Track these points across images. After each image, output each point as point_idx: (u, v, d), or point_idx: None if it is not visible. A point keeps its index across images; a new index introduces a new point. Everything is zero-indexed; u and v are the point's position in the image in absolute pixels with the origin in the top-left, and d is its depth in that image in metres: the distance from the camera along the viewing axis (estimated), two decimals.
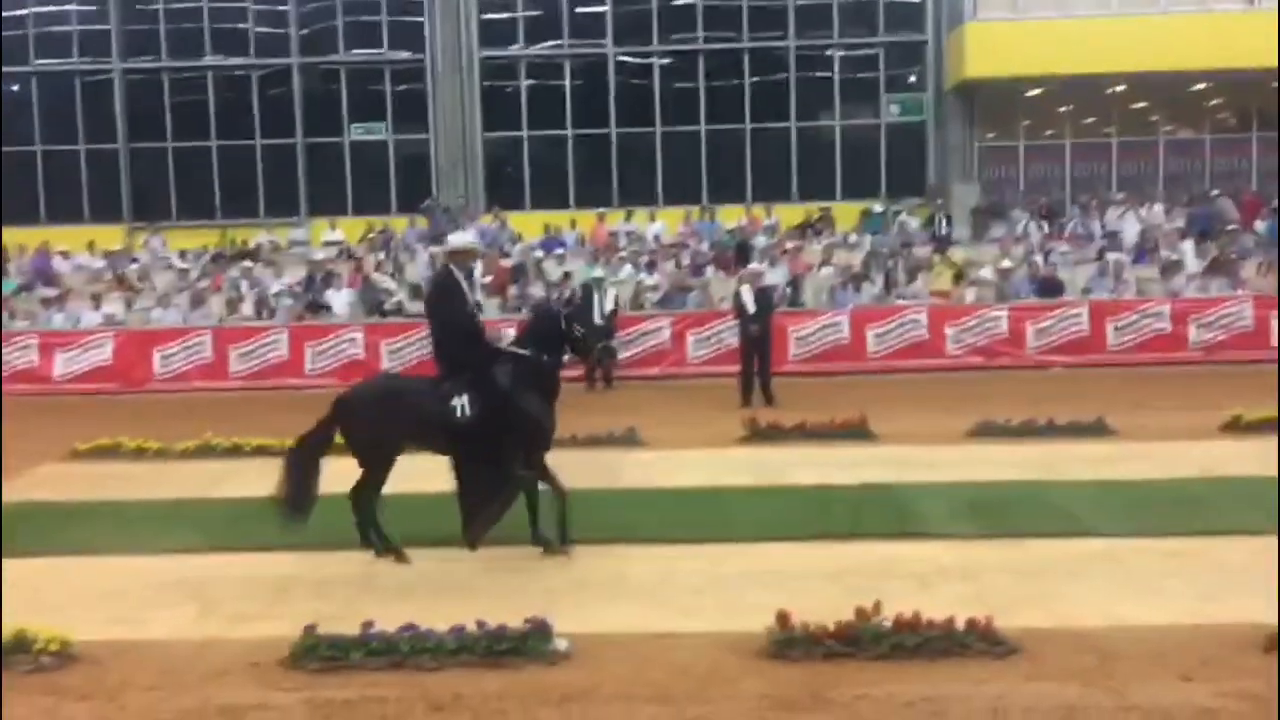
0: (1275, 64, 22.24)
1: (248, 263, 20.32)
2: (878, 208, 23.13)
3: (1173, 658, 5.63)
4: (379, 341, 17.40)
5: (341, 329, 17.69)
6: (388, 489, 7.80)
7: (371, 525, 7.74)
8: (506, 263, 19.35)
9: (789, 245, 20.21)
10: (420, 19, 24.61)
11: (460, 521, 7.69)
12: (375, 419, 7.63)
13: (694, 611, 6.49)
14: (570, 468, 8.11)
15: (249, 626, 6.46)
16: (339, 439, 7.81)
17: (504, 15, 25.01)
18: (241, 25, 24.93)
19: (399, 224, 22.23)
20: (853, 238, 21.51)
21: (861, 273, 18.76)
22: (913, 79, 25.15)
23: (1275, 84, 22.35)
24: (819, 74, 25.10)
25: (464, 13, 24.41)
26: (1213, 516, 8.05)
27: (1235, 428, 11.31)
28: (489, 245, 20.17)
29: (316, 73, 25.35)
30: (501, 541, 7.74)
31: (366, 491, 7.73)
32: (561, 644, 5.89)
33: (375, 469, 7.68)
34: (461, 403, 7.52)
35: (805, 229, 22.12)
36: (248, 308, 18.49)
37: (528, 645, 5.82)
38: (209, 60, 24.96)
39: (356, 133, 24.99)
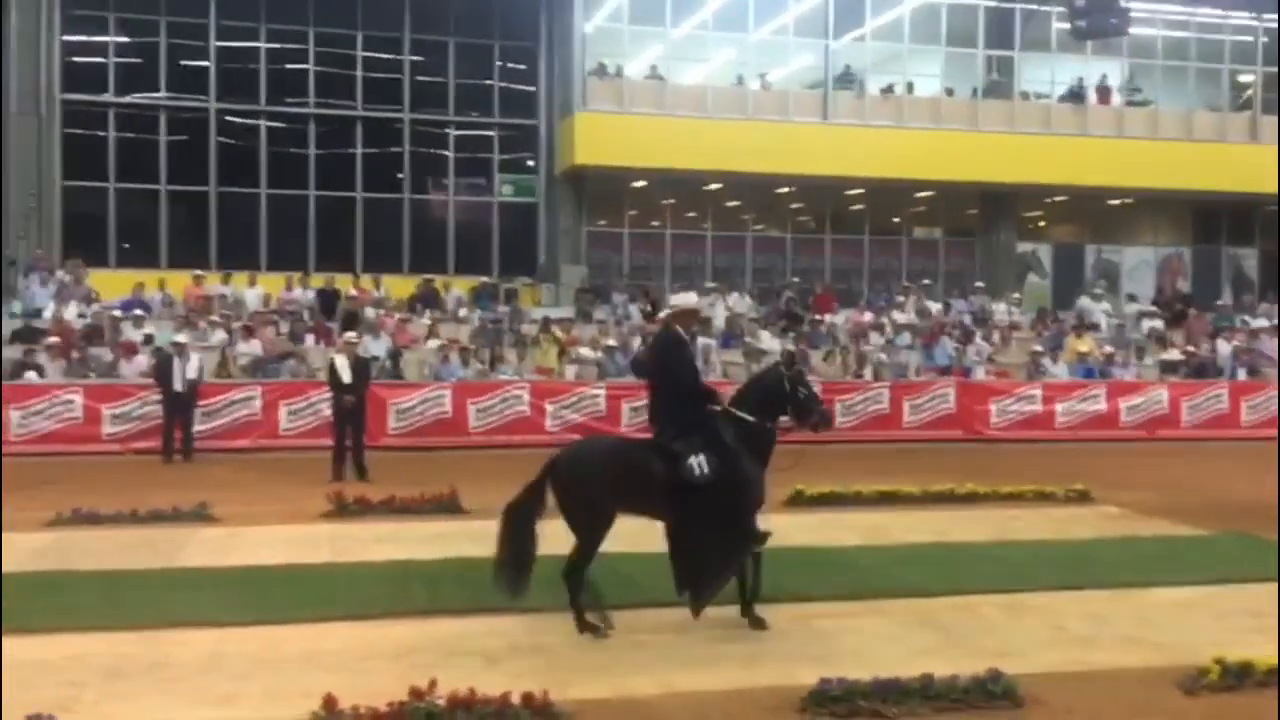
0: (844, 173, 24.86)
1: None
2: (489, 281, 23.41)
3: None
4: None
5: None
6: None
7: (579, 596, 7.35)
8: (77, 323, 17.66)
9: (396, 317, 19.91)
10: None
11: (678, 585, 7.44)
12: (596, 480, 7.27)
13: (235, 699, 5.98)
14: (123, 547, 7.35)
15: None
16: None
17: (94, 60, 23.25)
18: None
19: None
20: (462, 311, 21.53)
21: (468, 347, 18.76)
22: (530, 162, 25.79)
23: None
24: (434, 150, 25.21)
25: (45, 53, 22.42)
26: (766, 585, 8.46)
27: (798, 501, 12.20)
28: (61, 302, 18.43)
29: None
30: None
31: (582, 561, 7.32)
32: None
33: (593, 535, 7.31)
34: (698, 461, 7.31)
35: (414, 301, 21.89)
36: None
37: None
38: None
39: None
